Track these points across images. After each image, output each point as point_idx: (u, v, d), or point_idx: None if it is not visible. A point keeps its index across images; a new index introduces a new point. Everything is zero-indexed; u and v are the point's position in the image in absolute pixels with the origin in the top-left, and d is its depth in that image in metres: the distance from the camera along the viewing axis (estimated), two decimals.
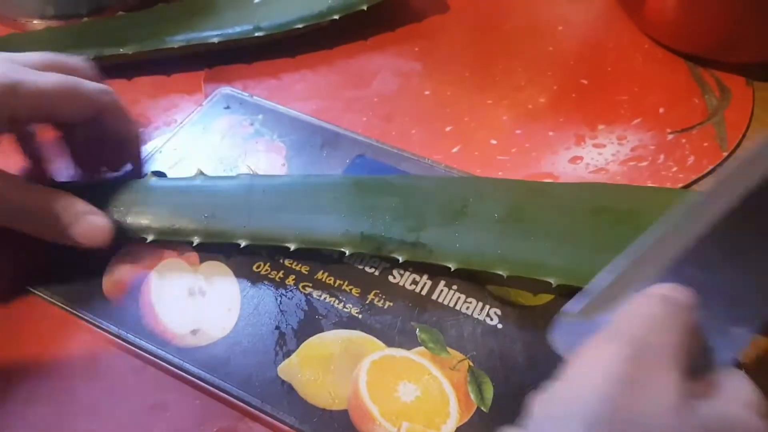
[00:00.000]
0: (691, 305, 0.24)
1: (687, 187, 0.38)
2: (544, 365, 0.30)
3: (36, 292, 0.33)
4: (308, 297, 0.32)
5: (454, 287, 0.33)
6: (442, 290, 0.32)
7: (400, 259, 0.32)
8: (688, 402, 0.21)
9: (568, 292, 0.30)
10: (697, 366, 0.23)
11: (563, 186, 0.36)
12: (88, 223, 0.32)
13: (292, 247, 0.33)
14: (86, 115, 0.34)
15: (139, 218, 0.34)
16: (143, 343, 0.31)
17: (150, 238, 0.33)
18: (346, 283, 0.33)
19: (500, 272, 0.31)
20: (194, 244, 0.33)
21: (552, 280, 0.31)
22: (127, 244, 0.34)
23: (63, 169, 0.37)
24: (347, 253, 0.33)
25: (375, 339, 0.31)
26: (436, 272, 0.33)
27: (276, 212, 0.34)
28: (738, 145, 0.41)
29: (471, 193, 0.34)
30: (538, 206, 0.34)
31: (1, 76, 0.30)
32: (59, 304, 0.32)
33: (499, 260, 0.32)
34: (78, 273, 0.33)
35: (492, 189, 0.35)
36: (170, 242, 0.34)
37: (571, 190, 0.35)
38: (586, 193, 0.35)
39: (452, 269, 0.32)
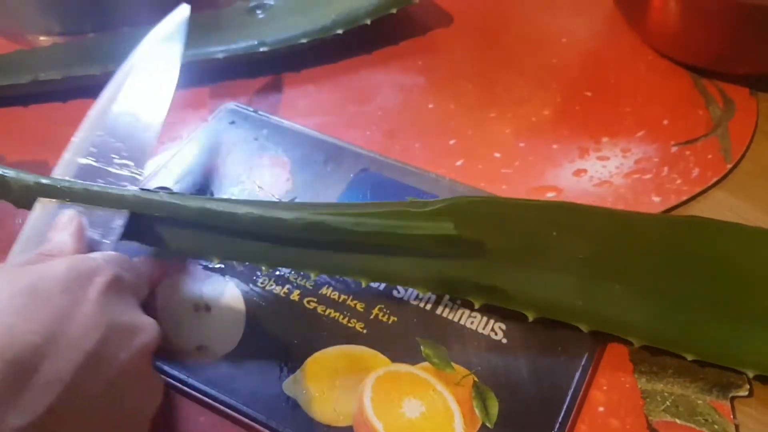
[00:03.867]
0: None
1: (692, 199, 0.38)
2: (549, 380, 0.30)
3: None
4: (313, 312, 0.32)
5: (458, 302, 0.32)
6: (446, 305, 0.32)
7: (476, 305, 0.31)
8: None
9: None
10: None
11: (655, 219, 0.34)
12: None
13: (364, 283, 0.32)
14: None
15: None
16: None
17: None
18: (350, 298, 0.33)
19: (581, 327, 0.30)
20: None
21: (634, 341, 0.30)
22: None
23: None
24: (421, 295, 0.32)
25: (379, 354, 0.31)
26: None
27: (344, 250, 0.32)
28: (742, 157, 0.41)
29: (554, 223, 0.31)
30: (625, 245, 0.31)
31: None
32: None
33: (581, 313, 0.30)
34: None
35: (577, 219, 0.31)
36: (175, 258, 0.34)
37: (664, 225, 0.32)
38: (680, 229, 0.31)
39: (530, 319, 0.31)
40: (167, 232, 0.32)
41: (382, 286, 0.33)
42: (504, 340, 0.31)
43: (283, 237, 0.31)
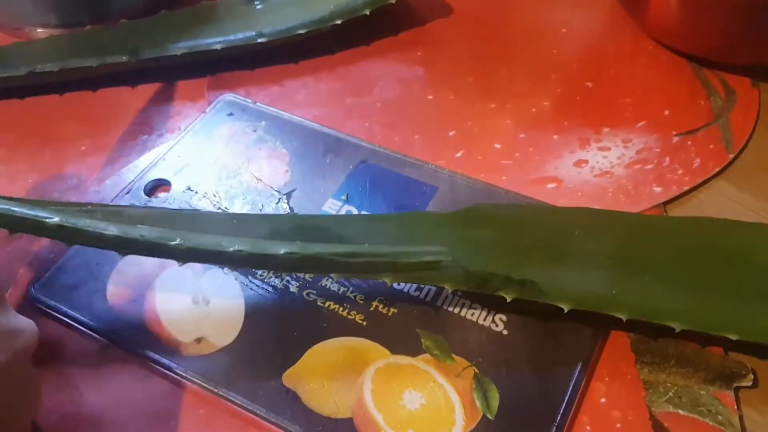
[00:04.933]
0: None
1: (693, 189, 0.38)
2: (551, 372, 0.30)
3: (39, 298, 0.33)
4: (312, 304, 0.32)
5: (459, 293, 0.32)
6: (446, 297, 0.32)
7: (508, 299, 0.30)
8: None
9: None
10: None
11: (668, 219, 0.35)
12: None
13: (389, 282, 0.31)
14: None
15: None
16: (147, 352, 0.31)
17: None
18: (350, 290, 0.33)
19: (619, 315, 0.30)
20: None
21: (675, 325, 0.29)
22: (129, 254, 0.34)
23: None
24: (450, 291, 0.32)
25: (379, 346, 0.31)
26: None
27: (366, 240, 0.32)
28: (744, 147, 0.40)
29: (575, 226, 0.32)
30: (644, 243, 0.32)
31: None
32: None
33: (617, 303, 0.30)
34: (82, 281, 0.33)
35: (592, 222, 0.33)
36: None
37: (678, 225, 0.33)
38: (694, 228, 0.33)
39: (565, 311, 0.30)
40: None
41: None
42: (505, 332, 0.31)
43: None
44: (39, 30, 0.49)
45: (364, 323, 0.31)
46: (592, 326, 0.31)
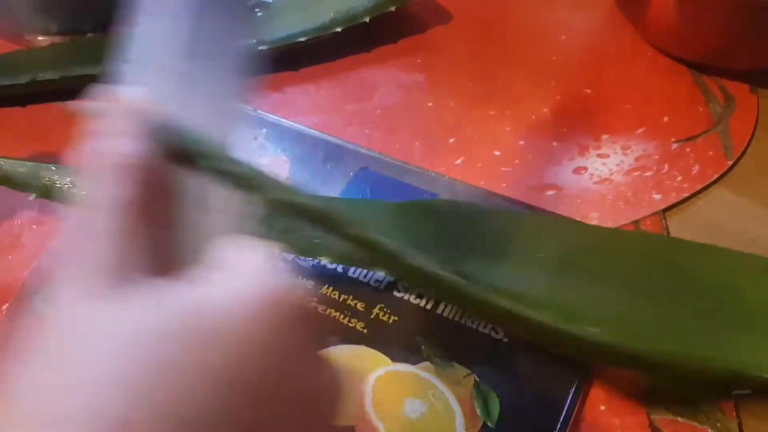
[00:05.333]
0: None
1: (693, 196, 0.38)
2: (551, 379, 0.30)
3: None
4: (313, 312, 0.32)
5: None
6: (447, 304, 0.32)
7: (436, 292, 0.31)
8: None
9: None
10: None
11: (617, 233, 0.35)
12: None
13: (327, 263, 0.32)
14: None
15: None
16: None
17: None
18: (351, 297, 0.33)
19: (544, 319, 0.29)
20: None
21: (598, 334, 0.29)
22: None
23: None
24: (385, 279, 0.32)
25: (380, 354, 0.31)
26: None
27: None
28: (743, 153, 0.40)
29: (523, 228, 0.33)
30: (587, 251, 0.33)
31: None
32: None
33: (544, 310, 0.30)
34: None
35: (537, 225, 0.34)
36: None
37: (624, 239, 0.34)
38: (640, 244, 0.34)
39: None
40: None
41: (383, 285, 0.33)
42: (505, 339, 0.31)
43: None
44: (40, 38, 0.49)
45: (365, 331, 0.31)
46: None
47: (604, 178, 0.39)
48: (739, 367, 0.29)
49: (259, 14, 0.47)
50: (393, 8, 0.46)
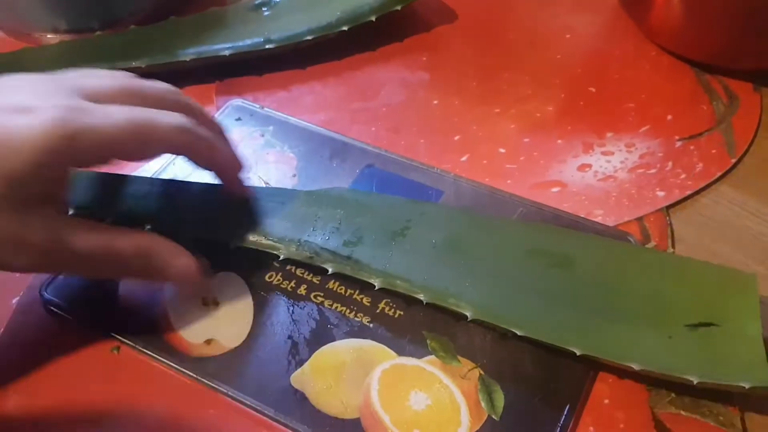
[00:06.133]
0: None
1: (696, 193, 0.38)
2: (555, 372, 0.30)
3: (52, 301, 0.33)
4: (320, 306, 0.33)
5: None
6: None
7: (330, 270, 0.33)
8: None
9: None
10: None
11: (506, 223, 0.35)
12: (183, 264, 0.30)
13: (232, 245, 0.34)
14: (159, 155, 0.31)
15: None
16: (157, 353, 0.31)
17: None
18: (356, 292, 0.33)
19: (420, 298, 0.31)
20: None
21: (468, 314, 0.31)
22: None
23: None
24: (281, 257, 0.33)
25: (386, 348, 0.31)
26: None
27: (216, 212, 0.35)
28: (746, 151, 0.41)
29: (414, 216, 0.35)
30: (476, 239, 0.34)
31: (57, 122, 0.26)
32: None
33: (421, 287, 0.32)
34: (93, 284, 0.34)
35: (435, 215, 0.35)
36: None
37: (513, 228, 0.35)
38: (528, 232, 0.34)
39: (376, 287, 0.32)
40: None
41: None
42: (509, 333, 0.31)
43: None
44: (49, 35, 0.49)
45: (371, 325, 0.32)
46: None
47: (608, 176, 0.39)
48: (598, 353, 0.29)
49: (267, 13, 0.48)
50: (399, 7, 0.47)
